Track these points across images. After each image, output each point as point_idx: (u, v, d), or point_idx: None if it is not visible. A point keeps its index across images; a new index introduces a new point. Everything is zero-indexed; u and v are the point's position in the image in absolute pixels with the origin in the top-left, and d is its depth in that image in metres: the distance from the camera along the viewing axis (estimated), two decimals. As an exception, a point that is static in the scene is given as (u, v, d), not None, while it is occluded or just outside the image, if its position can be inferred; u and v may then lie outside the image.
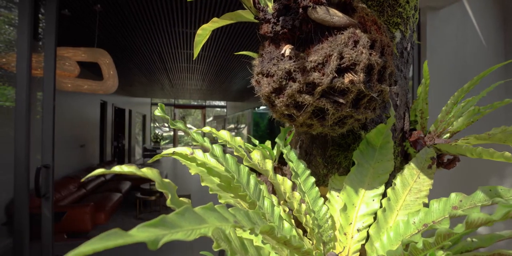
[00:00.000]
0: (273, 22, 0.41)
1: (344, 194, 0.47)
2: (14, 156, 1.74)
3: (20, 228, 1.74)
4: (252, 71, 0.46)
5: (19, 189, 1.73)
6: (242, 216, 0.24)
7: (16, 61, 1.75)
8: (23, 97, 1.74)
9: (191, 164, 0.46)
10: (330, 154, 0.58)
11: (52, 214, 1.83)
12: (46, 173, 1.82)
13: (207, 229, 0.18)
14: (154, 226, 0.16)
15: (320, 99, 0.38)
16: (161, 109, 0.43)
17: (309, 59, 0.36)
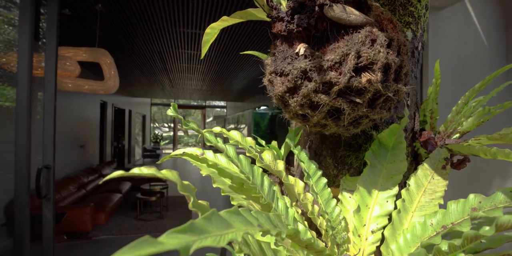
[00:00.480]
0: (287, 21, 0.41)
1: (357, 195, 0.47)
2: (14, 157, 1.73)
3: (20, 229, 1.72)
4: (264, 70, 0.46)
5: (20, 190, 1.72)
6: (264, 219, 0.23)
7: (17, 61, 1.74)
8: (24, 97, 1.73)
9: (201, 165, 0.45)
10: (340, 154, 0.58)
11: (53, 215, 1.82)
12: (47, 173, 1.81)
13: (235, 234, 0.17)
14: (183, 232, 0.16)
15: (337, 98, 0.37)
16: (174, 109, 0.42)
17: (326, 58, 0.36)
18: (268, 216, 0.24)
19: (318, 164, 0.63)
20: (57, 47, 1.86)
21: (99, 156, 6.69)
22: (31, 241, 1.86)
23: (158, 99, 15.78)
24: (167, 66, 5.62)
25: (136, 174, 0.24)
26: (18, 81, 1.74)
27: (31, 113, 1.78)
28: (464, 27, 2.45)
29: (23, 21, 1.73)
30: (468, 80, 2.35)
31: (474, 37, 2.50)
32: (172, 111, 0.42)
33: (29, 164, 1.75)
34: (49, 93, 1.85)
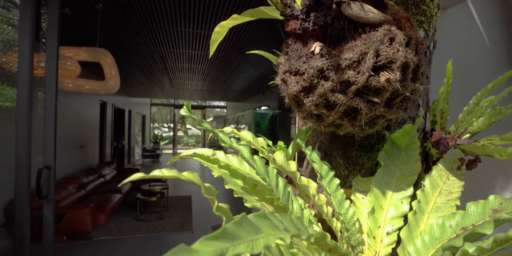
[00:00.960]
0: (302, 19, 0.40)
1: (372, 196, 0.46)
2: (15, 157, 1.72)
3: (21, 229, 1.71)
4: (276, 69, 0.45)
5: (20, 190, 1.71)
6: (288, 223, 0.22)
7: (17, 60, 1.73)
8: (25, 97, 1.72)
9: (213, 166, 0.44)
10: (351, 155, 0.57)
11: (54, 216, 1.81)
12: (47, 174, 1.80)
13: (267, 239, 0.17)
14: (216, 239, 0.15)
15: (354, 98, 0.36)
16: (187, 109, 0.41)
17: (344, 56, 0.35)
18: (291, 219, 0.23)
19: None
20: (58, 47, 1.85)
21: (99, 156, 6.67)
22: (31, 241, 1.84)
23: (157, 99, 15.78)
24: (168, 66, 5.61)
25: (158, 176, 0.24)
26: (18, 81, 1.73)
27: (31, 113, 1.77)
28: (466, 27, 2.45)
29: (24, 21, 1.72)
30: (469, 80, 2.35)
31: (476, 37, 2.50)
32: (186, 110, 0.41)
33: (29, 164, 1.74)
34: (50, 93, 1.84)
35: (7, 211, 2.85)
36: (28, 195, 1.73)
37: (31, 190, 1.77)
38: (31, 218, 1.80)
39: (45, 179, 1.77)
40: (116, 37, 3.75)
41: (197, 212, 5.04)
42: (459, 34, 2.40)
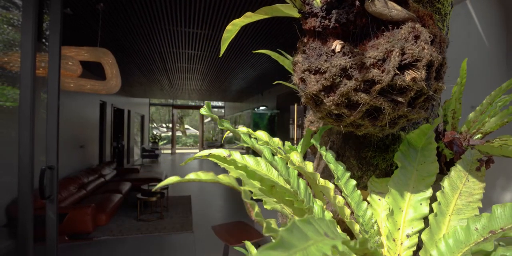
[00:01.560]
0: (322, 16, 0.39)
1: (390, 198, 0.45)
2: (18, 157, 1.71)
3: (24, 230, 1.70)
4: (295, 70, 0.44)
5: (23, 191, 1.70)
6: (326, 227, 0.22)
7: (20, 61, 1.72)
8: (28, 97, 1.71)
9: (229, 167, 0.43)
10: (365, 155, 0.56)
11: (56, 217, 1.80)
12: (50, 174, 1.79)
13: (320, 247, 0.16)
14: (274, 249, 0.14)
15: (377, 97, 0.35)
16: (208, 108, 0.40)
17: (368, 55, 0.34)
18: (327, 223, 0.23)
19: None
20: (60, 47, 1.84)
21: (99, 156, 6.65)
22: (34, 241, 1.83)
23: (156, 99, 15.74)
24: (167, 66, 5.60)
25: (194, 179, 0.23)
26: (21, 81, 1.72)
27: (34, 113, 1.76)
28: (465, 27, 2.45)
29: (26, 21, 1.71)
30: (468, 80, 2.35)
31: (474, 37, 2.50)
32: (206, 110, 0.40)
33: (32, 164, 1.73)
34: (52, 93, 1.83)
35: (8, 211, 2.84)
36: (31, 196, 1.71)
37: (34, 190, 1.75)
38: (33, 218, 1.78)
39: (48, 179, 1.76)
40: (116, 37, 3.73)
41: (197, 212, 5.03)
42: (457, 34, 2.39)
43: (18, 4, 2.99)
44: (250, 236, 2.65)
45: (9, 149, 2.77)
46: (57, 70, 1.83)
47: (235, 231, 2.76)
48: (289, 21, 3.12)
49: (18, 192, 1.70)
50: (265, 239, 2.78)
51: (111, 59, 2.71)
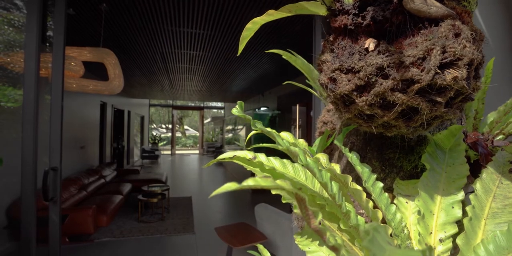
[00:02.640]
0: (354, 14, 0.38)
1: (420, 201, 0.44)
2: (21, 159, 1.69)
3: (27, 232, 1.68)
4: (322, 69, 0.43)
5: (26, 192, 1.68)
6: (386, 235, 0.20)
7: (24, 61, 1.70)
8: (31, 99, 1.69)
9: (254, 170, 0.42)
10: (388, 157, 0.55)
11: (59, 218, 1.78)
12: (53, 176, 1.77)
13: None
14: None
15: (415, 97, 0.34)
16: (240, 108, 0.39)
17: (407, 53, 0.33)
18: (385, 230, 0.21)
19: (361, 167, 0.60)
20: (64, 47, 1.83)
21: (99, 157, 6.63)
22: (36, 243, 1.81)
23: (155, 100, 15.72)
24: (169, 67, 5.58)
25: (253, 186, 0.21)
26: (25, 82, 1.70)
27: (37, 114, 1.74)
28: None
29: (31, 21, 1.69)
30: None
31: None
32: (238, 110, 0.39)
33: (35, 166, 1.71)
34: (56, 94, 1.81)
35: (9, 213, 2.82)
36: (35, 197, 1.69)
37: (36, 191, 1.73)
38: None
39: (51, 181, 1.74)
40: (118, 37, 3.72)
41: (198, 213, 5.01)
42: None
43: (19, 5, 2.98)
44: (254, 238, 2.63)
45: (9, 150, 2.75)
46: (61, 71, 1.82)
47: (238, 233, 2.74)
48: (290, 22, 3.12)
49: (21, 194, 1.68)
50: (269, 241, 2.76)
51: (113, 60, 2.70)
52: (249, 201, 6.13)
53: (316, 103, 2.22)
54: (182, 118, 26.29)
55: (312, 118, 2.21)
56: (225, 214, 5.18)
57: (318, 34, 2.24)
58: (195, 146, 24.35)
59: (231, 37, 3.68)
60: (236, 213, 5.20)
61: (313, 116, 2.22)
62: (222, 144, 14.96)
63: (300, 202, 0.25)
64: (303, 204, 0.25)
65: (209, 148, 16.82)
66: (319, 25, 2.23)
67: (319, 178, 0.33)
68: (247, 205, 5.85)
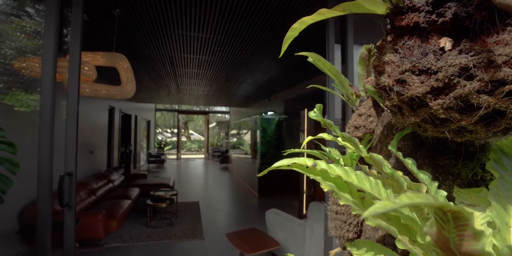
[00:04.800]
0: (427, 11, 0.35)
1: (493, 212, 0.41)
2: (37, 163, 1.68)
3: (42, 237, 1.66)
4: (385, 71, 0.40)
5: (42, 197, 1.67)
6: None
7: (41, 67, 1.70)
8: (48, 103, 1.69)
9: (315, 177, 0.40)
10: (443, 163, 0.52)
11: (74, 224, 1.76)
12: (69, 181, 1.76)
13: None
14: None
15: (504, 100, 0.31)
16: (318, 111, 0.36)
17: (498, 52, 0.30)
18: None
19: (409, 174, 0.57)
20: (80, 53, 1.83)
21: (107, 162, 6.64)
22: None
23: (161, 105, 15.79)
24: (177, 72, 5.60)
25: (410, 204, 0.19)
26: (42, 87, 1.70)
27: (54, 119, 1.74)
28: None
29: (48, 27, 1.70)
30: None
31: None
32: (317, 113, 0.36)
33: (51, 171, 1.70)
34: (72, 100, 1.81)
35: (21, 217, 2.81)
36: (50, 202, 1.68)
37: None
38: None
39: (67, 186, 1.73)
40: (128, 42, 3.74)
41: (206, 219, 4.97)
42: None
43: (30, 12, 3.01)
44: (266, 244, 2.59)
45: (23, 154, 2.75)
46: (77, 76, 1.81)
47: (250, 239, 2.70)
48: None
49: (37, 199, 1.67)
50: (281, 247, 2.71)
51: (126, 64, 2.70)
52: (256, 206, 6.08)
53: (330, 107, 2.20)
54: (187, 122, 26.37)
55: (327, 122, 2.17)
56: (233, 219, 5.13)
57: (331, 38, 2.22)
58: (200, 150, 24.36)
59: (240, 41, 3.68)
60: (244, 218, 5.15)
61: (328, 120, 2.19)
62: (227, 149, 14.94)
63: (456, 220, 0.21)
64: (461, 221, 0.21)
65: (214, 152, 16.81)
66: (331, 29, 2.21)
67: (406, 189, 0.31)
68: (254, 210, 5.80)
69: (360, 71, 0.92)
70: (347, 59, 2.15)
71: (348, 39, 2.13)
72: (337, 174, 0.37)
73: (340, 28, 2.20)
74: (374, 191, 0.39)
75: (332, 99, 2.18)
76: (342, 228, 0.67)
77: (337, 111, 2.20)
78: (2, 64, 2.79)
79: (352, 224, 0.66)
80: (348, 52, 2.13)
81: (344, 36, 2.15)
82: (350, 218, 0.66)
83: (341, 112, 2.23)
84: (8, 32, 2.87)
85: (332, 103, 2.19)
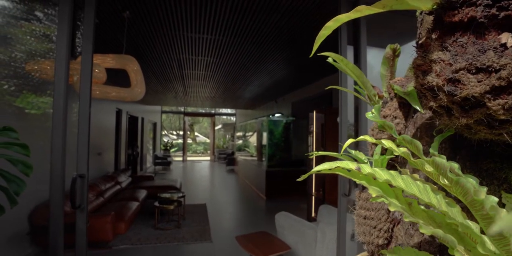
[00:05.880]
0: (486, 5, 0.33)
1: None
2: (50, 165, 1.68)
3: (55, 239, 1.66)
4: (433, 70, 0.38)
5: (55, 199, 1.66)
6: None
7: (54, 70, 1.71)
8: (61, 106, 1.69)
9: (360, 182, 0.37)
10: (487, 167, 0.49)
11: (86, 227, 1.75)
12: (81, 183, 1.75)
13: None
14: None
15: None
16: (377, 112, 0.34)
17: None
18: None
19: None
20: (92, 57, 1.83)
21: (114, 164, 6.67)
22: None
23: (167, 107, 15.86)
24: (184, 74, 5.62)
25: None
26: (55, 90, 1.71)
27: (66, 121, 1.74)
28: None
29: (61, 32, 1.71)
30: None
31: None
32: (375, 115, 0.34)
33: (64, 173, 1.70)
34: (84, 102, 1.81)
35: (31, 218, 2.82)
36: (62, 204, 1.68)
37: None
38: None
39: (79, 188, 1.72)
40: (137, 44, 3.76)
41: (213, 221, 4.95)
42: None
43: (39, 16, 3.05)
44: (277, 248, 2.55)
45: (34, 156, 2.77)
46: (89, 79, 1.82)
47: (260, 243, 2.67)
48: (312, 28, 3.08)
49: (49, 200, 1.66)
50: (292, 251, 2.68)
51: (136, 66, 2.71)
52: (264, 208, 6.04)
53: (343, 109, 2.17)
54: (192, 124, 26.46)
55: (339, 124, 2.15)
56: (240, 222, 5.11)
57: (344, 39, 2.19)
58: (205, 152, 24.39)
59: (249, 43, 3.67)
60: (252, 221, 5.11)
61: (340, 122, 2.16)
62: (233, 151, 14.94)
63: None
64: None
65: (220, 154, 16.81)
66: (344, 30, 2.19)
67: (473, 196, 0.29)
68: (262, 212, 5.77)
69: (384, 71, 0.90)
70: (360, 60, 2.13)
71: (361, 40, 2.10)
72: (385, 178, 0.35)
73: (352, 29, 2.18)
74: (424, 196, 0.37)
75: (345, 101, 2.16)
76: (371, 233, 0.65)
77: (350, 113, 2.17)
78: (12, 67, 2.82)
79: (382, 229, 0.63)
80: (361, 53, 2.11)
81: (357, 37, 2.13)
82: (380, 223, 0.64)
83: (354, 114, 2.21)
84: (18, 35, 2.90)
85: (344, 105, 2.16)
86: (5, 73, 2.72)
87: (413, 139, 0.34)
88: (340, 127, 2.16)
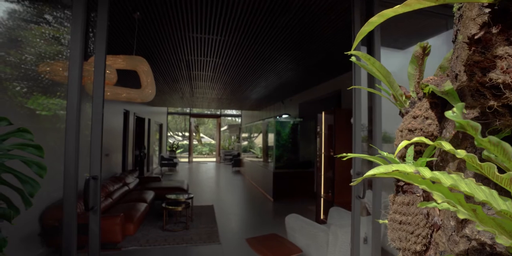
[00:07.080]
0: None
1: None
2: (63, 167, 1.67)
3: (68, 240, 1.65)
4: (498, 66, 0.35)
5: (68, 201, 1.66)
6: None
7: (68, 71, 1.71)
8: (74, 108, 1.69)
9: (421, 186, 0.35)
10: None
11: (99, 229, 1.74)
12: (94, 184, 1.74)
13: None
14: None
15: None
16: (459, 111, 0.32)
17: None
18: None
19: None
20: (105, 58, 1.83)
21: (122, 165, 6.69)
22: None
23: (173, 108, 15.92)
24: (192, 75, 5.62)
25: None
26: (68, 91, 1.70)
27: (79, 123, 1.74)
28: None
29: (75, 34, 1.71)
30: None
31: None
32: (457, 114, 0.32)
33: (77, 174, 1.69)
34: (97, 104, 1.80)
35: (42, 219, 2.83)
36: (76, 206, 1.67)
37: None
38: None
39: (92, 189, 1.72)
40: (146, 45, 3.77)
41: (221, 223, 4.92)
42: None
43: (48, 19, 3.07)
44: (289, 250, 2.52)
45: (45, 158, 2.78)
46: (102, 80, 1.81)
47: (271, 245, 2.64)
48: (321, 27, 3.06)
49: (63, 202, 1.66)
50: (304, 254, 2.64)
51: (146, 67, 2.70)
52: (272, 210, 6.01)
53: (357, 110, 2.14)
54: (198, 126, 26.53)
55: (353, 125, 2.12)
56: (248, 224, 5.08)
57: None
58: (211, 154, 24.43)
59: (258, 43, 3.65)
60: (260, 223, 5.08)
61: (354, 123, 2.13)
62: (239, 152, 14.92)
63: None
64: None
65: (226, 156, 16.81)
66: (358, 30, 2.16)
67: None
68: (270, 214, 5.73)
69: (412, 70, 0.87)
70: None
71: (375, 39, 2.07)
72: (450, 183, 0.32)
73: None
74: (492, 202, 0.34)
75: (359, 102, 2.12)
76: (408, 239, 0.62)
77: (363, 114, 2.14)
78: (23, 69, 2.84)
79: (420, 235, 0.60)
80: (375, 53, 2.07)
81: (370, 37, 2.10)
82: (418, 228, 0.61)
83: (368, 115, 2.17)
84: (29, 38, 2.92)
85: (358, 106, 2.13)
86: (16, 75, 2.74)
87: (500, 141, 0.32)
88: (353, 128, 2.13)
